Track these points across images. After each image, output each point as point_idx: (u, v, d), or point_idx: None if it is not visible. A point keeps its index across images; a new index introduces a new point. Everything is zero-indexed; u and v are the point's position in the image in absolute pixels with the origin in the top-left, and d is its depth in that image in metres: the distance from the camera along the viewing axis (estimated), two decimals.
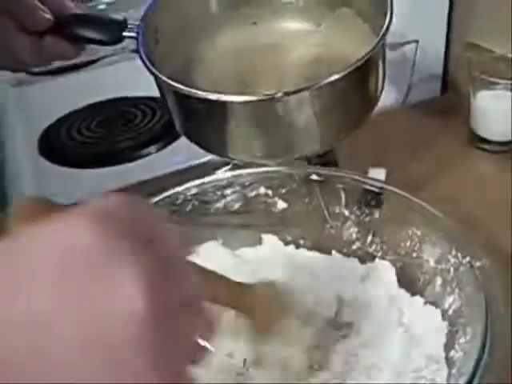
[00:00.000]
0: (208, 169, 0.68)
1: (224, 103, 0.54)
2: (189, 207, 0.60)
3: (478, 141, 0.86)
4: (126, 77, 1.06)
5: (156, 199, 0.59)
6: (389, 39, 0.90)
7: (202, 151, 0.65)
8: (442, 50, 0.99)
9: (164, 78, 0.56)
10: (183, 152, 0.85)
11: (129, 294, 0.26)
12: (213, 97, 0.54)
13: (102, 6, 1.32)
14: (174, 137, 0.89)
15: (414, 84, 1.00)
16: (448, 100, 1.00)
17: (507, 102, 0.82)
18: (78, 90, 1.05)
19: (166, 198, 0.60)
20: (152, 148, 0.90)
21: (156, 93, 0.75)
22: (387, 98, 0.99)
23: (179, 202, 0.60)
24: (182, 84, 0.57)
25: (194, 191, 0.61)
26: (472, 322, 0.48)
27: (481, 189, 0.80)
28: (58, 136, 0.94)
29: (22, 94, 1.08)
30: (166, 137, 0.91)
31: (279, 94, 0.53)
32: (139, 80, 0.90)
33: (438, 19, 0.96)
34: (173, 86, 0.55)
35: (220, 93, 0.54)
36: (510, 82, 0.81)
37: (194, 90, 0.55)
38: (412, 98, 1.00)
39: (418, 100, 1.00)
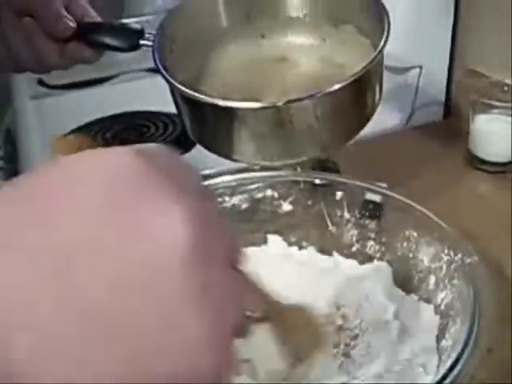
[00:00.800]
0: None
1: (230, 109, 0.57)
2: None
3: (476, 162, 0.90)
4: (141, 93, 1.11)
5: None
6: (393, 64, 0.95)
7: (208, 163, 0.68)
8: (445, 76, 1.03)
9: (176, 84, 0.59)
10: (192, 164, 0.89)
11: (175, 237, 0.25)
12: (220, 103, 0.57)
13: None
14: (184, 150, 0.94)
15: (417, 108, 1.04)
16: (450, 124, 1.04)
17: (504, 125, 0.86)
18: (95, 104, 1.10)
19: None
20: None
21: (168, 108, 0.78)
22: (391, 120, 1.03)
23: None
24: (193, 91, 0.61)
25: None
26: (461, 313, 0.51)
27: (479, 206, 0.84)
28: None
29: (40, 106, 1.13)
30: (176, 149, 0.95)
31: (281, 103, 0.56)
32: (154, 96, 0.95)
33: (441, 47, 1.00)
34: (183, 91, 0.59)
35: (227, 99, 0.58)
36: (506, 105, 0.85)
37: (202, 96, 0.58)
38: (415, 122, 1.04)
39: (421, 124, 1.04)
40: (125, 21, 1.40)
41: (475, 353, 0.45)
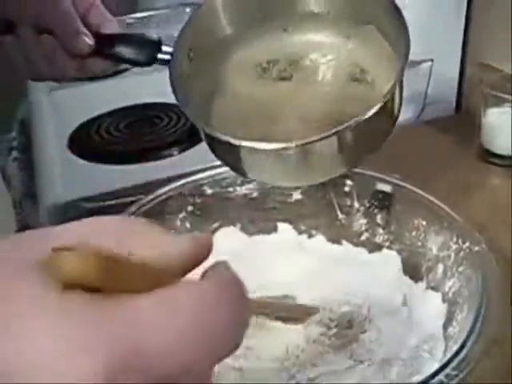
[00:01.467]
0: None
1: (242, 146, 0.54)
2: (211, 192, 0.65)
3: (488, 155, 0.90)
4: (154, 85, 1.11)
5: (180, 183, 0.64)
6: None
7: None
8: (457, 69, 1.03)
9: (188, 114, 0.57)
10: (204, 155, 0.90)
11: None
12: (231, 141, 0.54)
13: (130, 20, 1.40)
14: (196, 141, 0.94)
15: (428, 102, 1.04)
16: (461, 118, 1.04)
17: None
18: (109, 95, 1.11)
19: (190, 182, 0.64)
20: (174, 150, 0.95)
21: None
22: (402, 114, 1.03)
23: (203, 187, 0.65)
24: (208, 108, 0.59)
25: (217, 178, 0.65)
26: (469, 301, 0.51)
27: (490, 199, 0.84)
28: (88, 134, 0.99)
29: (54, 97, 1.14)
30: (188, 140, 0.96)
31: (296, 143, 0.52)
32: (167, 88, 0.96)
33: (453, 40, 1.00)
34: (197, 123, 0.56)
35: (236, 138, 0.54)
36: None
37: (213, 132, 0.55)
38: (426, 116, 1.04)
39: (432, 118, 1.04)
40: (139, 15, 1.42)
41: (481, 340, 0.45)
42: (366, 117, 0.52)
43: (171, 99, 1.03)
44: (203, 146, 0.93)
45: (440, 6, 0.99)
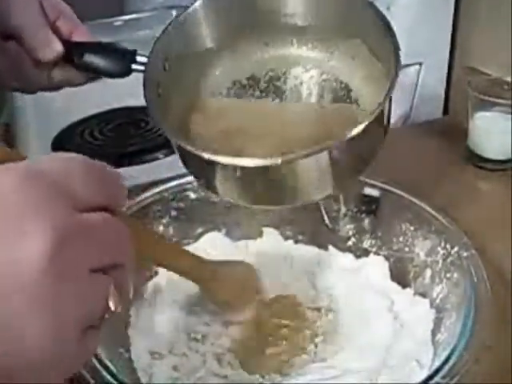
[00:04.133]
0: None
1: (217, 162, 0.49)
2: (195, 196, 0.64)
3: (475, 159, 0.90)
4: (140, 88, 1.10)
5: (163, 187, 0.63)
6: None
7: None
8: (445, 73, 1.02)
9: (162, 127, 0.53)
10: None
11: (32, 253, 0.28)
12: (206, 156, 0.49)
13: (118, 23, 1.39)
14: None
15: (416, 105, 1.03)
16: (449, 121, 1.04)
17: (503, 123, 0.86)
18: (95, 98, 1.09)
19: (174, 187, 0.63)
20: (159, 153, 0.93)
21: None
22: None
23: (187, 191, 0.64)
24: (184, 123, 0.56)
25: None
26: (457, 307, 0.51)
27: (477, 204, 0.83)
28: (71, 138, 0.98)
29: (39, 100, 1.12)
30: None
31: (279, 161, 0.47)
32: None
33: (441, 44, 1.00)
34: (167, 136, 0.52)
35: (214, 153, 0.49)
36: (505, 103, 0.84)
37: (187, 147, 0.50)
38: (414, 119, 1.04)
39: (420, 121, 1.03)
40: (126, 17, 1.41)
41: (470, 347, 0.45)
42: (353, 134, 0.47)
43: None
44: None
45: (427, 10, 0.99)
